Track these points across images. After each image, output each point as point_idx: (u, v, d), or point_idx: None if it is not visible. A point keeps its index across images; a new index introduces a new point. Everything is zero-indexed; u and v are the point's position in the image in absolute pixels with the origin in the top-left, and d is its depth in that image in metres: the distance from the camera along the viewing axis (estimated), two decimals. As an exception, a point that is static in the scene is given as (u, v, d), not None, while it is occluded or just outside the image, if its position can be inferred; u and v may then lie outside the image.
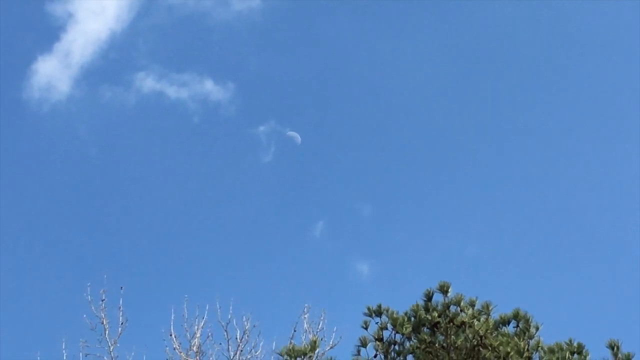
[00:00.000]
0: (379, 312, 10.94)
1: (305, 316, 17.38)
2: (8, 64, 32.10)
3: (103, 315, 17.04)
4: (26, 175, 32.58)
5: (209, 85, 31.68)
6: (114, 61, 32.72)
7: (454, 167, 33.16)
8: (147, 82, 31.75)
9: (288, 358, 9.91)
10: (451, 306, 10.58)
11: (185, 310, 17.23)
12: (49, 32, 32.40)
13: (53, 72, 31.43)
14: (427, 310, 10.64)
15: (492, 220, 32.05)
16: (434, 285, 10.82)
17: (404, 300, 11.05)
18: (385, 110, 33.77)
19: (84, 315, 17.13)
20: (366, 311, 10.98)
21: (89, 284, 17.36)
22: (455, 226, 31.49)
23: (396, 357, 10.74)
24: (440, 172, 33.38)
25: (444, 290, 10.61)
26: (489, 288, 10.69)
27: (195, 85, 31.74)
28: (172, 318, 17.14)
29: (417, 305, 10.74)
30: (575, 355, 10.38)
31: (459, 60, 34.42)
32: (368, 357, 10.77)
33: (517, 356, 10.04)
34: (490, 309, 10.57)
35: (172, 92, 31.57)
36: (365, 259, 28.46)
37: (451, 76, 34.23)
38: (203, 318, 17.16)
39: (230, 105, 31.88)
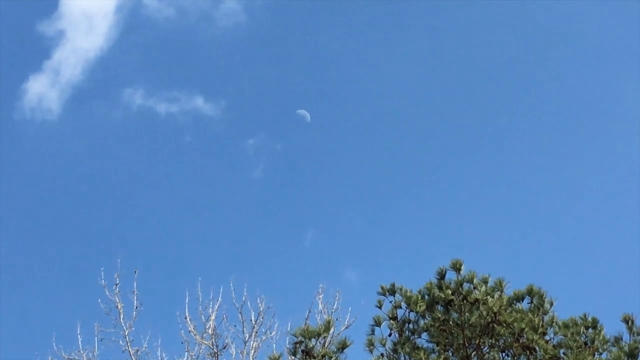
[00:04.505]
0: (392, 291, 10.92)
1: (320, 297, 17.43)
2: (0, 84, 32.30)
3: (117, 299, 17.13)
4: (26, 186, 32.78)
5: (198, 101, 31.83)
6: (103, 79, 32.97)
7: (444, 175, 33.20)
8: (137, 99, 31.94)
9: (302, 339, 9.90)
10: (464, 284, 10.55)
11: (200, 293, 17.30)
12: (40, 51, 32.57)
13: (44, 91, 31.60)
14: (440, 288, 10.61)
15: (484, 225, 32.00)
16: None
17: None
18: (374, 120, 33.90)
19: (99, 300, 17.24)
20: (380, 290, 10.97)
21: (102, 268, 17.47)
22: (446, 233, 31.47)
23: (410, 336, 10.73)
24: (430, 180, 33.44)
25: (456, 268, 10.57)
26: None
27: (185, 101, 31.89)
28: (187, 301, 17.22)
29: (431, 284, 10.71)
30: (590, 330, 10.37)
31: (449, 70, 34.45)
32: (382, 336, 10.77)
33: (531, 332, 10.02)
34: (503, 285, 10.53)
35: (161, 108, 31.75)
36: (354, 267, 28.50)
37: (441, 86, 34.31)
38: (217, 300, 17.24)
39: (220, 119, 32.04)
